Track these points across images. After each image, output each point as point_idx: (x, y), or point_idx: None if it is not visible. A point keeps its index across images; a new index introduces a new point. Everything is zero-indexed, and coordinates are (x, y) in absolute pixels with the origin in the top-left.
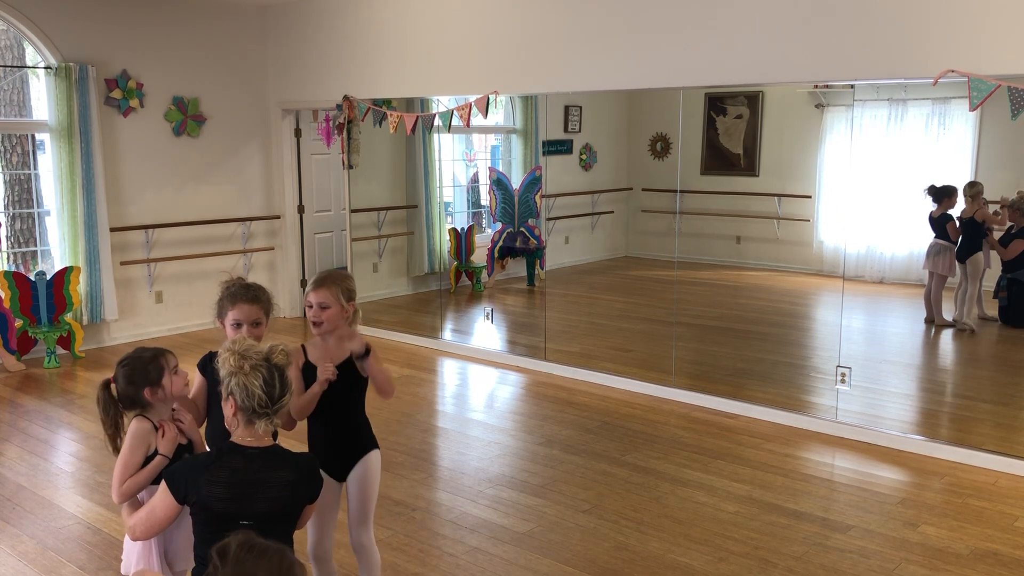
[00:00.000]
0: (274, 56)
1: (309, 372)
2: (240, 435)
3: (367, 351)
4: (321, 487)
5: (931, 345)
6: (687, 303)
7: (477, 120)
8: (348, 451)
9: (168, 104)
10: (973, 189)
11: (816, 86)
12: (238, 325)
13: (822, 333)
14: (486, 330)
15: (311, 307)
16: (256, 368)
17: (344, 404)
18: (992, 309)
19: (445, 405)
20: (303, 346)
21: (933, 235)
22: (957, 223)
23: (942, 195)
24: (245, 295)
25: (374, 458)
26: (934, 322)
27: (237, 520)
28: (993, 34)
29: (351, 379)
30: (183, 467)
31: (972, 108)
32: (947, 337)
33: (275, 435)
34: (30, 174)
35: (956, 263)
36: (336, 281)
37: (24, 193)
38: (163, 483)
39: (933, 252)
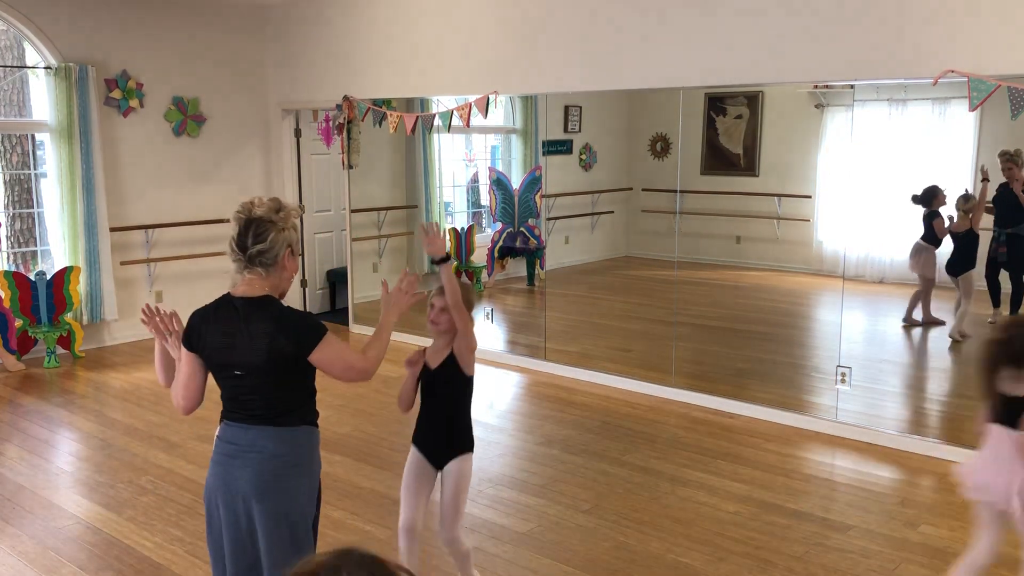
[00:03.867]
0: (274, 56)
1: (424, 371)
2: (236, 284)
3: (446, 257)
4: (312, 341)
5: (931, 345)
6: (687, 303)
7: (477, 120)
8: (445, 444)
9: (168, 104)
10: (967, 203)
11: (816, 86)
12: None
13: (822, 333)
14: (486, 330)
15: (432, 308)
16: (236, 217)
17: (445, 398)
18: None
19: None
20: (424, 349)
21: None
22: (946, 221)
23: (929, 197)
24: None
25: (468, 460)
26: (920, 323)
27: (231, 369)
28: (993, 34)
29: (455, 378)
30: (194, 317)
31: (972, 108)
32: (947, 337)
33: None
34: (30, 174)
35: (937, 266)
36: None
37: (24, 193)
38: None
39: (914, 252)
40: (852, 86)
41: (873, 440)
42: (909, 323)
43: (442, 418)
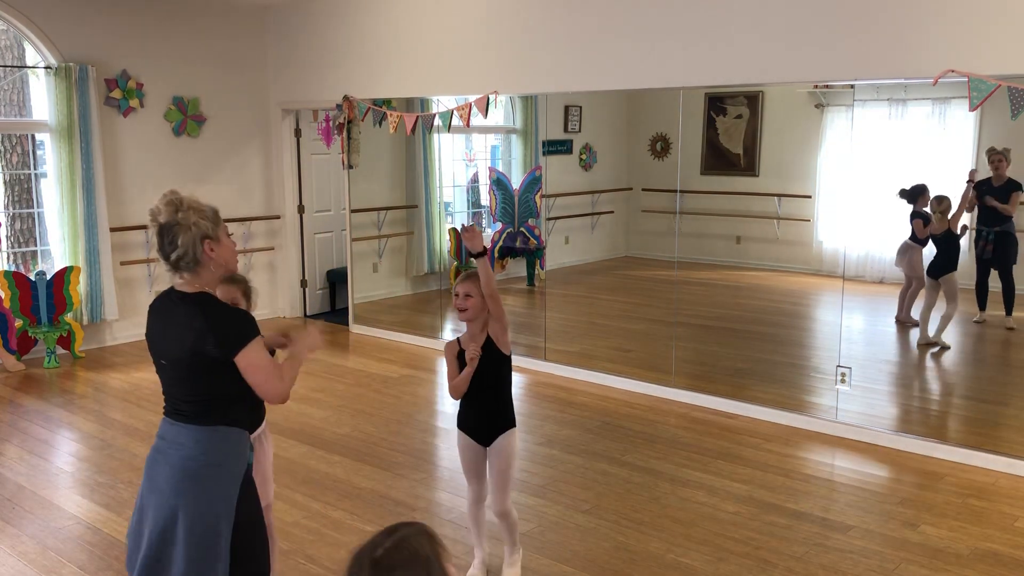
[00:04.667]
0: (274, 56)
1: (461, 358)
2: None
3: (484, 251)
4: (237, 344)
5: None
6: (687, 303)
7: (477, 120)
8: (491, 423)
9: (168, 104)
10: (941, 205)
11: (816, 86)
12: None
13: (822, 333)
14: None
15: (458, 296)
16: (151, 227)
17: (490, 379)
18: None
19: (445, 405)
20: (458, 339)
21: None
22: (923, 221)
23: (915, 195)
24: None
25: (513, 435)
26: (904, 323)
27: (159, 358)
28: (993, 34)
29: (494, 357)
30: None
31: (972, 108)
32: (947, 338)
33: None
34: (30, 174)
35: (920, 265)
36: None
37: (24, 193)
38: None
39: (900, 250)
40: (852, 86)
41: (873, 440)
42: (904, 320)
43: (486, 398)
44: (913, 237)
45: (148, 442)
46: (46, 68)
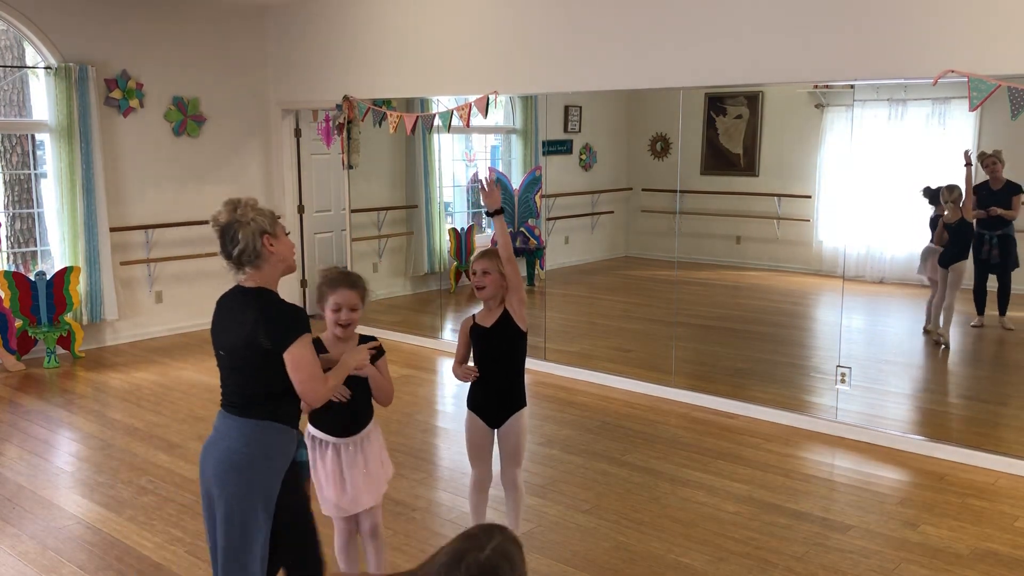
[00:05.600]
0: (274, 56)
1: (478, 332)
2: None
3: (500, 210)
4: (288, 338)
5: (931, 345)
6: (687, 303)
7: (477, 120)
8: (501, 402)
9: (168, 104)
10: (952, 194)
11: (816, 86)
12: (337, 309)
13: (822, 333)
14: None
15: (475, 273)
16: (214, 231)
17: (504, 356)
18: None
19: (445, 405)
20: (473, 315)
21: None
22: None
23: (937, 196)
24: (345, 281)
25: (523, 415)
26: (932, 333)
27: (218, 349)
28: (993, 34)
29: (509, 333)
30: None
31: (972, 108)
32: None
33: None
34: (30, 174)
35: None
36: (496, 254)
37: (24, 193)
38: None
39: (924, 255)
40: (852, 86)
41: (873, 440)
42: (931, 332)
43: (501, 375)
44: (935, 240)
45: (148, 442)
46: (46, 68)
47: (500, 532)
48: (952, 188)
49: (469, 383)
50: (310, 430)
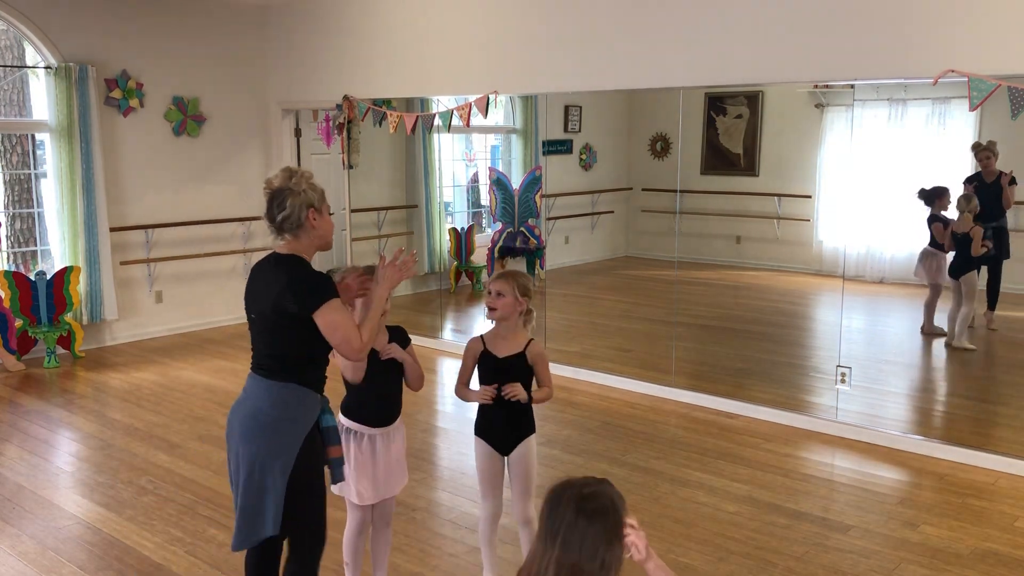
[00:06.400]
0: (274, 56)
1: (490, 362)
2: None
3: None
4: (315, 302)
5: (931, 345)
6: (687, 303)
7: (477, 120)
8: (514, 429)
9: (168, 104)
10: (970, 204)
11: (816, 86)
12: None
13: (822, 333)
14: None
15: (490, 294)
16: (264, 193)
17: (520, 383)
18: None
19: (445, 405)
20: (482, 337)
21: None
22: (942, 225)
23: (933, 197)
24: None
25: (533, 441)
26: (931, 335)
27: (250, 313)
28: (993, 34)
29: (521, 369)
30: None
31: (972, 108)
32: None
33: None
34: (30, 174)
35: (944, 271)
36: (515, 276)
37: (24, 193)
38: None
39: (921, 257)
40: (852, 86)
41: (873, 440)
42: (928, 331)
43: (514, 407)
44: (933, 243)
45: (148, 442)
46: (46, 68)
47: (608, 485)
48: (970, 198)
49: (476, 407)
50: (343, 420)
